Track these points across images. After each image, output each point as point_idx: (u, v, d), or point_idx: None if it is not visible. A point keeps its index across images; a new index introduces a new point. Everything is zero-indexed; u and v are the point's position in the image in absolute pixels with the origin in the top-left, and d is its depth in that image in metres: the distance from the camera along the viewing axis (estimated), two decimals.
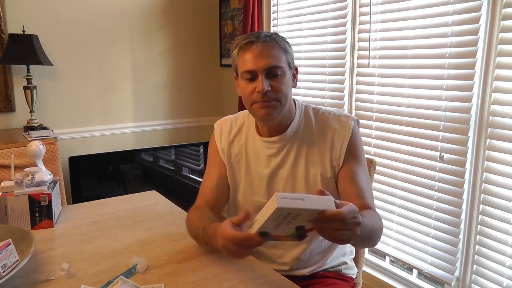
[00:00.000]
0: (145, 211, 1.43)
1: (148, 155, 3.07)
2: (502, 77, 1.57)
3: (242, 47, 1.11)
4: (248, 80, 1.11)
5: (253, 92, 1.10)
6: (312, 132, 1.18)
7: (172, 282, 0.96)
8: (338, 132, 1.16)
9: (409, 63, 1.91)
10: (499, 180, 1.61)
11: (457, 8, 1.70)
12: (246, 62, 1.10)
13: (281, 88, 1.10)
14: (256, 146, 1.22)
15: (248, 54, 1.10)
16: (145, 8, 3.08)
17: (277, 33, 1.16)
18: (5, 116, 2.66)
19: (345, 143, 1.15)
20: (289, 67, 1.15)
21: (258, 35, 1.11)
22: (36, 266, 1.03)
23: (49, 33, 2.70)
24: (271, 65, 1.09)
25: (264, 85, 1.08)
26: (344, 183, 1.15)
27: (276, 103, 1.10)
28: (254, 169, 1.22)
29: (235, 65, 1.15)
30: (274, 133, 1.18)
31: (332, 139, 1.16)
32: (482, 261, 1.69)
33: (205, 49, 3.38)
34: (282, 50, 1.12)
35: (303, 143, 1.17)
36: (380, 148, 2.08)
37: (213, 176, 1.25)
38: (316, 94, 2.47)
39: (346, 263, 1.27)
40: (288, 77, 1.13)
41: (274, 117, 1.12)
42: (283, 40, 1.14)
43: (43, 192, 1.25)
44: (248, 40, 1.10)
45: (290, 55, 1.15)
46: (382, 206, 2.08)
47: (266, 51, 1.09)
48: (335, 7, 2.29)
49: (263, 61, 1.08)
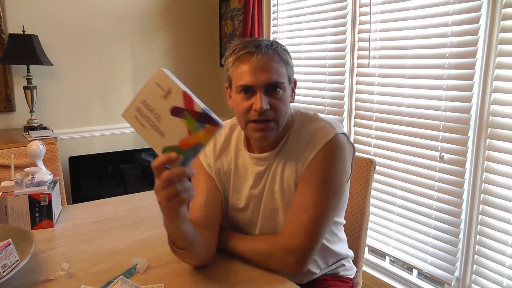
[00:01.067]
0: (145, 211, 1.43)
1: (148, 155, 3.07)
2: (502, 77, 1.57)
3: (239, 57, 0.99)
4: (244, 95, 1.00)
5: (249, 109, 0.99)
6: (299, 142, 1.06)
7: (172, 282, 0.96)
8: (313, 142, 1.03)
9: (409, 63, 1.91)
10: (499, 180, 1.61)
11: (457, 8, 1.70)
12: (243, 76, 0.98)
13: (280, 108, 1.00)
14: (245, 162, 1.11)
15: (245, 66, 0.98)
16: (145, 8, 3.08)
17: (277, 41, 1.05)
18: (5, 116, 2.66)
19: (311, 155, 1.02)
20: (289, 81, 1.04)
21: (258, 45, 0.99)
22: (36, 266, 1.03)
23: (49, 33, 2.71)
24: (272, 80, 0.98)
25: (263, 103, 0.96)
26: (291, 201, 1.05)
27: (273, 124, 1.00)
28: (242, 186, 1.12)
29: (229, 75, 1.03)
30: (265, 149, 1.08)
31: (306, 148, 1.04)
32: (482, 261, 1.69)
33: (205, 49, 3.38)
34: (284, 63, 1.01)
35: (290, 156, 1.06)
36: (380, 148, 2.08)
37: (201, 192, 1.11)
38: (316, 94, 2.47)
39: (343, 265, 1.23)
40: (288, 93, 1.03)
41: (270, 138, 1.03)
42: (284, 51, 1.03)
43: (43, 192, 1.25)
44: (247, 50, 0.98)
45: (291, 68, 1.04)
46: (382, 206, 2.09)
47: (267, 64, 0.97)
48: (335, 7, 2.29)
49: (263, 76, 0.97)
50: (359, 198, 1.36)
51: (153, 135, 0.77)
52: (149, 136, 0.77)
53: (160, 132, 0.77)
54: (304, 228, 0.99)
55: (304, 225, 0.99)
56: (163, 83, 0.75)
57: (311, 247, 1.00)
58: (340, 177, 1.04)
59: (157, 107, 0.76)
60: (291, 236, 1.00)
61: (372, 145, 2.13)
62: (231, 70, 1.02)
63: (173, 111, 0.76)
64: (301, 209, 1.01)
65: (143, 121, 0.77)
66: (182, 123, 0.76)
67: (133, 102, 0.77)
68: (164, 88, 0.75)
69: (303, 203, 1.01)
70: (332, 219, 1.06)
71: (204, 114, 0.75)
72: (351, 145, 1.11)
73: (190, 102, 0.75)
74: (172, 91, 0.75)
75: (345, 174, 1.06)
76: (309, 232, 0.99)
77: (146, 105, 0.76)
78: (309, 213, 0.99)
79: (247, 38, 1.04)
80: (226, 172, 1.14)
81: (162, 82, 0.75)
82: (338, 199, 1.05)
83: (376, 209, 2.12)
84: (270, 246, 1.01)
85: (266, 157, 1.08)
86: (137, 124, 0.77)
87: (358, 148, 2.20)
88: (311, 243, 0.99)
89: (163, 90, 0.75)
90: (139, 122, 0.77)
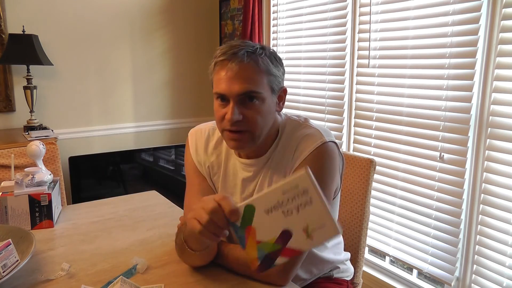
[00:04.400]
0: (145, 211, 1.43)
1: (148, 155, 3.07)
2: (502, 77, 1.57)
3: (218, 62, 0.96)
4: (221, 102, 0.97)
5: (223, 118, 0.96)
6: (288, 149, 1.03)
7: (172, 282, 0.96)
8: (301, 149, 1.00)
9: (409, 63, 1.91)
10: (499, 180, 1.61)
11: (457, 8, 1.70)
12: (219, 83, 0.95)
13: (255, 118, 0.95)
14: (235, 166, 1.09)
15: (222, 73, 0.95)
16: (145, 8, 3.08)
17: (265, 48, 0.99)
18: (5, 116, 2.66)
19: (297, 162, 0.99)
20: (272, 91, 0.98)
21: (236, 52, 0.94)
22: (36, 266, 1.03)
23: (49, 33, 2.70)
24: (245, 90, 0.93)
25: (233, 114, 0.93)
26: None
27: (248, 135, 0.96)
28: (230, 191, 1.10)
29: (211, 79, 1.00)
30: (253, 155, 1.05)
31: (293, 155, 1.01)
32: (482, 261, 1.69)
33: (205, 49, 3.38)
34: (263, 72, 0.95)
35: (279, 164, 1.04)
36: (380, 148, 2.08)
37: (196, 195, 1.09)
38: (316, 94, 2.47)
39: (337, 267, 1.21)
40: (268, 103, 0.97)
41: (246, 148, 1.00)
42: (268, 58, 0.97)
43: (43, 192, 1.25)
44: (224, 57, 0.94)
45: (274, 77, 0.98)
46: (382, 206, 2.09)
47: (242, 73, 0.93)
48: (335, 7, 2.29)
49: (236, 86, 0.93)
50: (359, 198, 1.36)
51: (270, 200, 0.72)
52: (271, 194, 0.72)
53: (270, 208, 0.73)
54: None
55: None
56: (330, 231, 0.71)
57: (295, 258, 0.95)
58: (327, 186, 0.99)
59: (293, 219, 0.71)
60: None
61: (372, 145, 2.13)
62: (212, 75, 0.99)
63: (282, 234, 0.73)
64: None
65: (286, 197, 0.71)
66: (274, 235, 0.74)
67: None
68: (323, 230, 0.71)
69: None
70: None
71: None
72: (341, 156, 1.07)
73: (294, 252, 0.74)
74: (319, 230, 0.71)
75: (334, 183, 1.02)
76: None
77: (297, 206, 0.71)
78: None
79: (234, 42, 0.98)
80: (215, 173, 1.12)
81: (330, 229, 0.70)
82: None
83: (376, 209, 2.12)
84: None
85: (253, 163, 1.05)
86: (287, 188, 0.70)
87: (358, 148, 2.20)
88: None
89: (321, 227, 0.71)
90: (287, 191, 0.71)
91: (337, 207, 1.15)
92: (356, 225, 1.37)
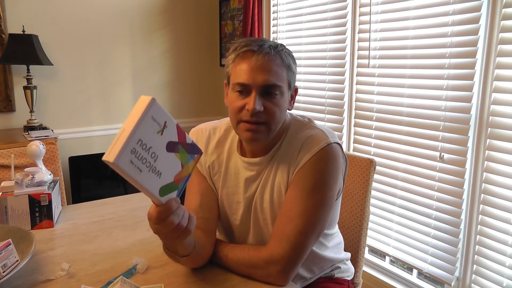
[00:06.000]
0: (145, 211, 1.43)
1: None
2: (502, 77, 1.57)
3: (240, 54, 0.97)
4: (239, 94, 0.98)
5: (242, 108, 0.97)
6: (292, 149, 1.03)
7: (172, 282, 0.96)
8: (306, 148, 1.00)
9: (409, 63, 1.91)
10: (499, 180, 1.61)
11: (457, 8, 1.70)
12: (241, 74, 0.96)
13: (274, 111, 0.97)
14: (236, 165, 1.09)
15: (245, 64, 0.96)
16: (145, 8, 3.08)
17: (283, 45, 1.01)
18: (5, 116, 2.66)
19: (303, 161, 0.99)
20: (289, 87, 1.01)
21: (262, 44, 0.96)
22: (36, 266, 1.03)
23: (49, 33, 2.71)
24: (269, 82, 0.95)
25: (256, 104, 0.94)
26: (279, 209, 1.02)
27: (264, 128, 0.97)
28: (231, 190, 1.10)
29: (228, 72, 1.01)
30: (257, 154, 1.05)
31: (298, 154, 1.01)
32: (482, 261, 1.69)
33: (205, 49, 3.38)
34: (285, 67, 0.98)
35: (282, 163, 1.03)
36: (380, 148, 2.08)
37: (195, 194, 1.09)
38: (316, 94, 2.47)
39: (338, 267, 1.22)
40: (285, 98, 1.00)
41: (260, 141, 1.00)
42: (289, 55, 1.00)
43: (43, 192, 1.25)
44: (248, 48, 0.96)
45: (293, 74, 1.01)
46: (382, 206, 2.09)
47: (267, 65, 0.95)
48: (335, 7, 2.29)
49: (261, 76, 0.94)
50: (359, 198, 1.36)
51: (150, 177, 0.68)
52: (145, 180, 0.67)
53: (157, 172, 0.69)
54: (289, 239, 0.95)
55: (289, 236, 0.95)
56: (159, 117, 0.67)
57: (296, 258, 0.96)
58: (330, 188, 0.99)
59: (153, 145, 0.68)
60: (275, 246, 0.96)
61: (372, 145, 2.13)
62: (230, 67, 1.00)
63: (168, 147, 0.70)
64: (287, 219, 0.97)
65: (140, 164, 0.66)
66: (176, 157, 0.72)
67: (124, 144, 0.64)
68: (161, 122, 0.68)
69: (290, 213, 0.97)
70: (320, 231, 1.00)
71: (193, 144, 0.73)
72: (345, 157, 1.07)
73: (183, 135, 0.72)
74: (167, 125, 0.69)
75: (336, 185, 1.02)
76: (294, 244, 0.95)
77: (142, 145, 0.66)
78: (295, 224, 0.96)
79: (253, 37, 1.00)
80: (216, 172, 1.12)
81: (158, 115, 0.67)
82: (327, 210, 1.00)
83: (376, 209, 2.12)
84: (254, 256, 0.97)
85: (257, 162, 1.05)
86: (132, 169, 0.65)
87: (358, 148, 2.20)
88: (296, 254, 0.95)
89: (159, 125, 0.68)
90: (135, 167, 0.66)
91: (339, 209, 1.16)
92: (356, 225, 1.37)
